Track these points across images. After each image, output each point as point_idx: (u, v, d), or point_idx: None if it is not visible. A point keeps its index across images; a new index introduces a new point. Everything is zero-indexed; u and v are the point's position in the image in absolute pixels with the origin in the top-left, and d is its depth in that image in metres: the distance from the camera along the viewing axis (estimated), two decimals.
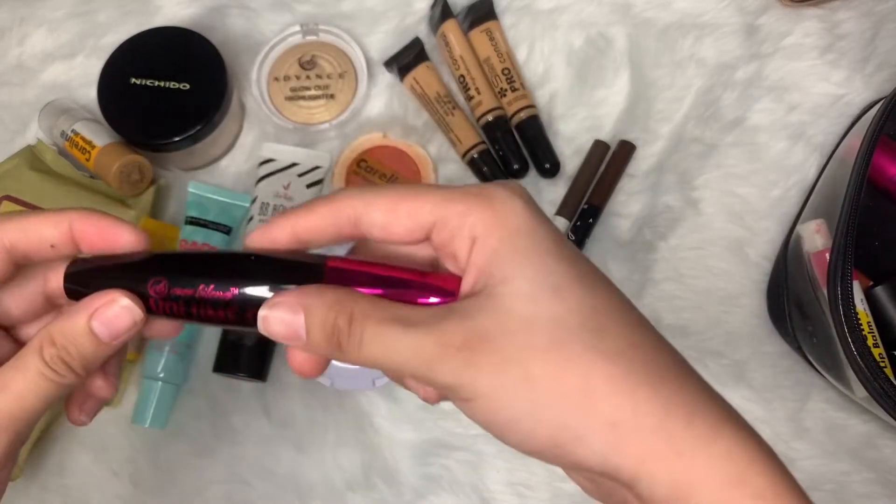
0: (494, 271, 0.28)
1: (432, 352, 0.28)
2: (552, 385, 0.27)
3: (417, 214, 0.29)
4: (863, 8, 0.64)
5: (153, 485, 0.59)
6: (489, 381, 0.27)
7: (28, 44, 0.67)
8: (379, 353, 0.28)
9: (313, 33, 0.66)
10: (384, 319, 0.29)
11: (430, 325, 0.28)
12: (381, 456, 0.58)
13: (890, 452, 0.57)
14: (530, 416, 0.27)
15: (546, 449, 0.28)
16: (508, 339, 0.27)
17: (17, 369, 0.31)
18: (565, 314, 0.27)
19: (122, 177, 0.59)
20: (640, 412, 0.27)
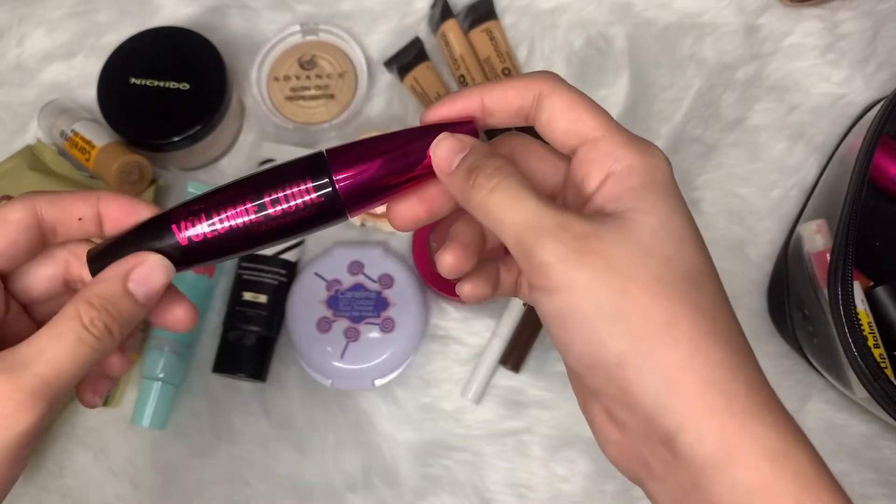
0: (629, 202, 0.30)
1: (549, 226, 0.29)
2: (642, 308, 0.28)
3: (584, 123, 0.32)
4: (863, 8, 0.64)
5: (152, 485, 0.59)
6: (586, 277, 0.28)
7: (27, 44, 0.67)
8: (503, 203, 0.30)
9: (313, 33, 0.66)
10: (522, 182, 0.30)
11: (558, 208, 0.30)
12: (380, 456, 0.58)
13: (890, 453, 0.57)
14: (609, 324, 0.28)
15: (608, 365, 0.28)
16: (622, 254, 0.29)
17: (52, 337, 0.31)
18: (678, 259, 0.29)
19: (122, 177, 0.59)
20: (711, 365, 0.28)
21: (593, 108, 0.32)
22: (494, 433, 0.59)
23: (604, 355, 0.28)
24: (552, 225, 0.29)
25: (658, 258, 0.29)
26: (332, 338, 0.57)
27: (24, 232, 0.33)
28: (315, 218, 0.33)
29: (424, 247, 0.59)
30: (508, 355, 0.59)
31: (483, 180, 0.31)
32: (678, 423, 0.27)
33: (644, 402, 0.28)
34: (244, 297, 0.59)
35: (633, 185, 0.30)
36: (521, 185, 0.30)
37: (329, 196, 0.32)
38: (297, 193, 0.32)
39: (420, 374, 0.60)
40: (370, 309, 0.58)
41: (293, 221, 0.33)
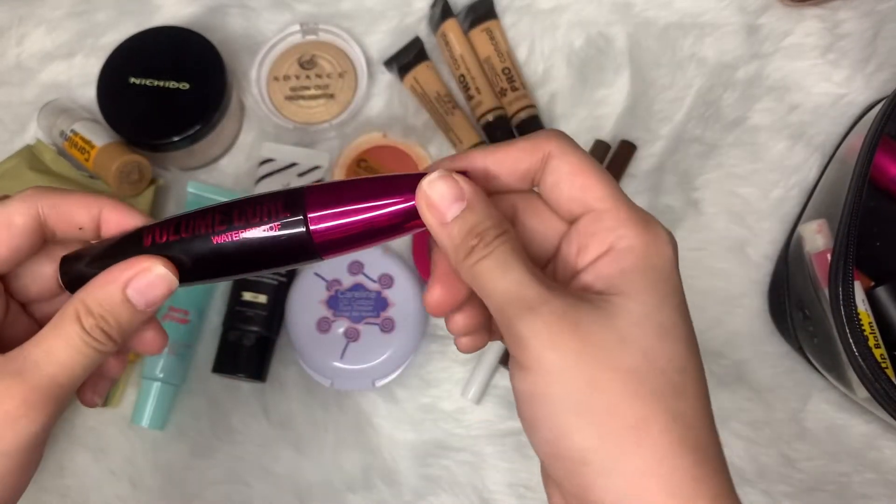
0: (619, 285, 0.28)
1: (531, 299, 0.28)
2: (610, 404, 0.27)
3: (591, 191, 0.30)
4: (864, 7, 0.64)
5: (152, 485, 0.58)
6: (558, 360, 0.27)
7: (27, 43, 0.67)
8: (490, 271, 0.28)
9: (313, 33, 0.66)
10: (516, 248, 0.29)
11: (543, 281, 0.28)
12: (380, 457, 0.58)
13: (891, 453, 0.57)
14: (576, 416, 0.27)
15: (571, 460, 0.27)
16: (598, 339, 0.27)
17: (58, 337, 0.31)
18: (659, 353, 0.28)
19: (122, 177, 0.59)
20: (677, 476, 0.26)
21: (602, 177, 0.30)
22: (494, 433, 0.59)
23: (568, 448, 0.27)
24: (534, 298, 0.28)
25: (636, 350, 0.27)
26: (332, 338, 0.57)
27: (27, 237, 0.33)
28: (286, 256, 0.31)
29: (424, 247, 0.59)
30: (508, 355, 0.59)
31: (481, 249, 0.29)
32: None
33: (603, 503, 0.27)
34: (244, 298, 0.59)
35: (627, 268, 0.29)
36: (514, 252, 0.29)
37: (302, 238, 0.30)
38: (268, 227, 0.31)
39: (420, 374, 0.60)
40: (370, 309, 0.58)
41: (260, 252, 0.31)
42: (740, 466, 0.56)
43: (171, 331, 0.58)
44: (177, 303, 0.59)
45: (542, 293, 0.28)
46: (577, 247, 0.30)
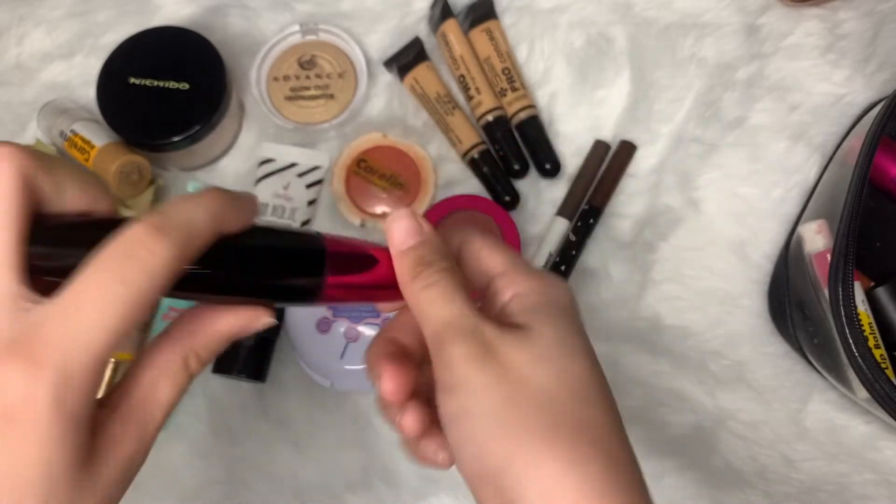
0: (530, 317, 0.32)
1: (465, 327, 0.31)
2: (525, 417, 0.29)
3: (492, 261, 0.35)
4: (864, 8, 0.64)
5: (152, 485, 0.58)
6: (483, 380, 0.30)
7: (27, 43, 0.67)
8: (433, 300, 0.32)
9: (313, 33, 0.66)
10: (458, 283, 0.33)
11: (478, 314, 0.32)
12: (380, 457, 0.58)
13: (891, 454, 0.57)
14: (495, 428, 0.29)
15: (493, 472, 0.29)
16: (518, 362, 0.30)
17: (168, 386, 0.32)
18: (569, 372, 0.31)
19: (122, 177, 0.59)
20: (587, 479, 0.29)
21: (498, 251, 0.35)
22: None
23: (488, 460, 0.29)
24: (468, 327, 0.31)
25: (550, 369, 0.31)
26: (332, 338, 0.57)
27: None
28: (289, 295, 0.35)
29: None
30: None
31: (426, 276, 0.33)
32: None
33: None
34: None
35: (532, 304, 0.33)
36: (456, 286, 0.33)
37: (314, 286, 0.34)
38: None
39: None
40: (370, 309, 0.58)
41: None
42: (740, 467, 0.56)
43: None
44: (177, 303, 0.59)
45: (476, 323, 0.31)
46: (495, 293, 0.34)
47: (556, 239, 0.60)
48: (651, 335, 0.59)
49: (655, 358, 0.58)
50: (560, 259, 0.60)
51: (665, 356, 0.58)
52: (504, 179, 0.62)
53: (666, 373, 0.58)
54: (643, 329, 0.59)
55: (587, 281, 0.60)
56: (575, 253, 0.60)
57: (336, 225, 0.63)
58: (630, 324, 0.59)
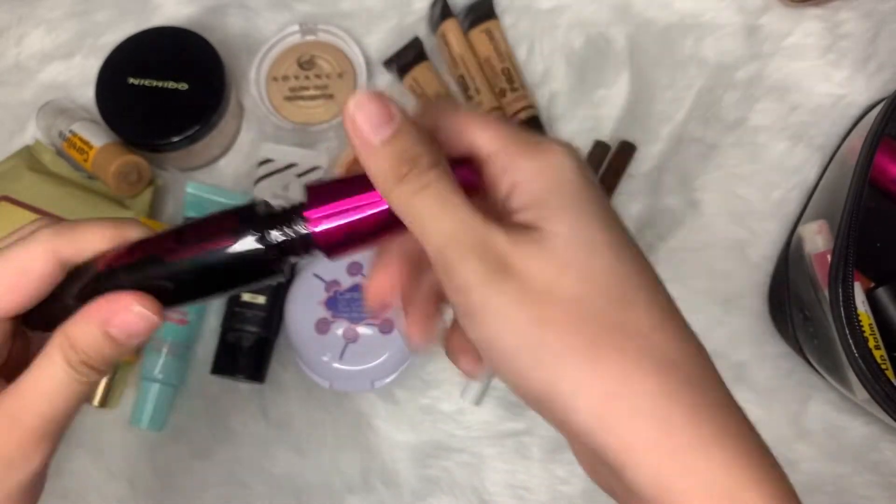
0: (537, 212, 0.27)
1: (474, 241, 0.26)
2: (560, 337, 0.25)
3: (474, 144, 0.29)
4: (864, 8, 0.64)
5: (151, 486, 0.58)
6: (504, 304, 0.26)
7: (26, 43, 0.67)
8: (430, 209, 0.27)
9: (312, 33, 0.65)
10: (454, 183, 0.27)
11: (485, 219, 0.27)
12: (379, 458, 0.58)
13: (891, 455, 0.57)
14: (529, 356, 0.26)
15: (541, 398, 0.26)
16: (538, 274, 0.26)
17: (47, 377, 0.31)
18: (597, 271, 0.26)
19: (121, 177, 0.59)
20: (642, 393, 0.25)
21: (480, 122, 0.29)
22: (494, 435, 0.58)
23: (530, 389, 0.26)
24: (477, 240, 0.26)
25: (575, 274, 0.26)
26: (331, 339, 0.57)
27: (46, 280, 0.32)
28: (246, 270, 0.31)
29: None
30: None
31: (414, 177, 0.27)
32: (619, 461, 0.25)
33: (580, 436, 0.26)
34: (243, 298, 0.59)
35: (535, 196, 0.27)
36: (453, 187, 0.27)
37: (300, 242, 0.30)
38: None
39: (419, 375, 0.60)
40: None
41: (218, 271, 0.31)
42: None
43: (170, 332, 0.58)
44: None
45: (485, 234, 0.26)
46: (507, 188, 0.29)
47: None
48: None
49: None
50: None
51: None
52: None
53: None
54: None
55: None
56: None
57: None
58: None
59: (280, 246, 0.30)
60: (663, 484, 0.24)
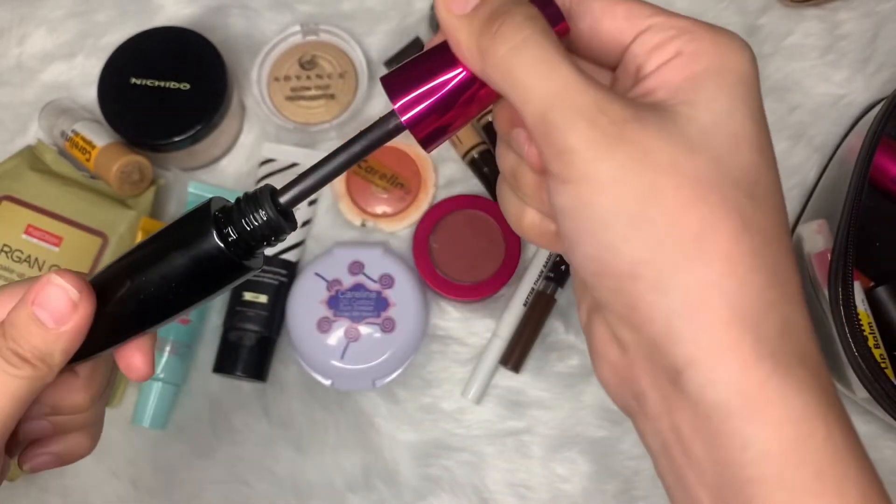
0: (685, 93, 0.25)
1: (585, 104, 0.24)
2: (671, 212, 0.23)
3: (635, 17, 0.26)
4: (864, 8, 0.64)
5: (153, 485, 0.59)
6: (614, 169, 0.24)
7: (28, 44, 0.67)
8: (531, 64, 0.25)
9: (313, 33, 0.66)
10: (557, 42, 0.25)
11: (596, 83, 0.25)
12: (381, 457, 0.58)
13: (891, 454, 0.57)
14: (628, 227, 0.24)
15: (618, 275, 0.24)
16: (662, 147, 0.24)
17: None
18: (730, 161, 0.24)
19: (123, 177, 0.59)
20: (745, 292, 0.23)
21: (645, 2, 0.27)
22: (494, 433, 0.59)
23: (615, 263, 0.24)
24: (589, 103, 0.24)
25: (704, 157, 0.24)
26: (333, 338, 0.57)
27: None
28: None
29: (424, 247, 0.59)
30: (509, 355, 0.59)
31: (509, 30, 0.25)
32: (689, 356, 0.23)
33: (653, 324, 0.24)
34: (244, 297, 0.59)
35: (696, 72, 0.25)
36: (556, 45, 0.25)
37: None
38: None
39: (420, 374, 0.60)
40: (370, 309, 0.58)
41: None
42: None
43: (172, 331, 0.59)
44: None
45: (597, 97, 0.24)
46: (635, 65, 0.27)
47: None
48: None
49: None
50: (560, 258, 0.60)
51: None
52: None
53: None
54: None
55: None
56: None
57: (336, 225, 0.63)
58: None
59: (246, 236, 0.30)
60: (742, 393, 0.23)
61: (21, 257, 0.57)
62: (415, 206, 0.62)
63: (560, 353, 0.59)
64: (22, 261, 0.57)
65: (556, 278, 0.59)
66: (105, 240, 0.58)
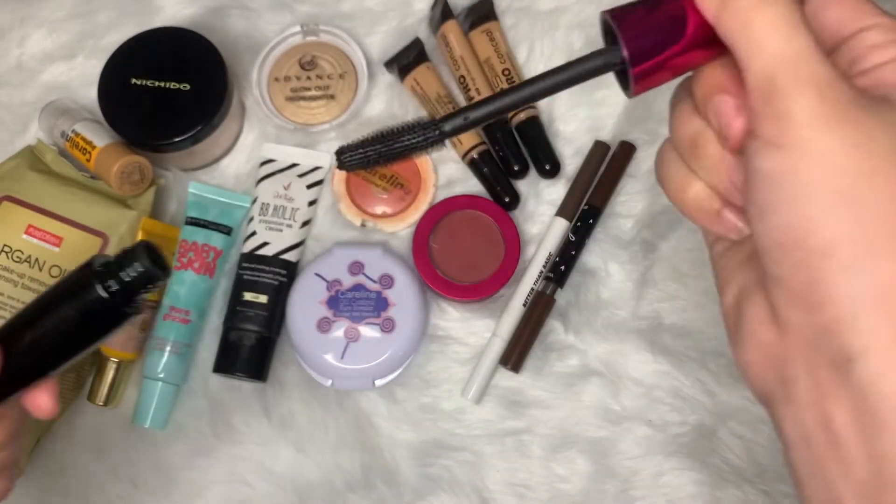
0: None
1: (819, 75, 0.24)
2: (884, 198, 0.23)
3: (861, 13, 0.27)
4: None
5: (153, 485, 0.59)
6: (832, 143, 0.24)
7: (28, 44, 0.67)
8: (772, 23, 0.24)
9: (313, 34, 0.66)
10: (802, 12, 0.25)
11: (829, 61, 0.24)
12: (380, 456, 0.58)
13: None
14: (833, 202, 0.23)
15: (809, 249, 0.24)
16: (883, 137, 0.24)
17: None
18: None
19: (123, 177, 0.59)
20: None
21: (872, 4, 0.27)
22: (494, 433, 0.59)
23: (811, 235, 0.24)
24: (821, 75, 0.24)
25: None
26: (333, 338, 0.58)
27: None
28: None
29: (424, 247, 0.59)
30: (508, 355, 0.59)
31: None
32: (865, 345, 0.23)
33: (832, 305, 0.23)
34: (245, 297, 0.59)
35: None
36: (801, 14, 0.25)
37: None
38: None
39: (420, 374, 0.60)
40: (370, 309, 0.58)
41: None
42: (740, 466, 0.57)
43: (173, 331, 0.59)
44: (178, 303, 0.59)
45: (828, 71, 0.24)
46: (847, 58, 0.27)
47: (555, 239, 0.61)
48: (651, 334, 0.59)
49: (655, 357, 0.58)
50: (560, 259, 0.60)
51: (665, 355, 0.58)
52: (504, 180, 0.62)
53: (666, 372, 0.58)
54: (643, 328, 0.59)
55: (587, 281, 0.60)
56: (575, 253, 0.60)
57: (336, 225, 0.63)
58: (630, 323, 0.59)
59: (125, 288, 0.36)
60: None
61: (21, 257, 0.57)
62: (415, 207, 0.62)
63: (559, 353, 0.59)
64: (22, 261, 0.57)
65: (556, 278, 0.60)
66: (105, 240, 0.59)
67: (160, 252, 0.38)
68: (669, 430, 0.58)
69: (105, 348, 0.58)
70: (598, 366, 0.59)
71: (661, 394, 0.58)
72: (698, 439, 0.57)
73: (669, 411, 0.58)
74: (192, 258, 0.60)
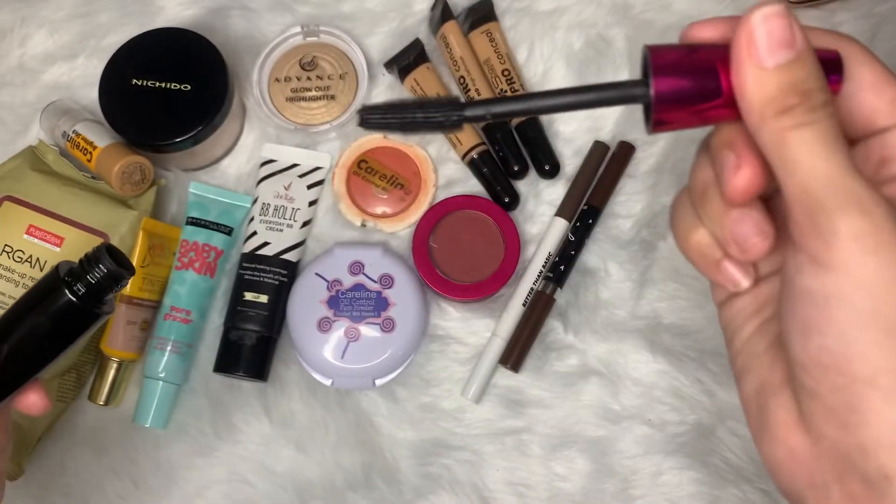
0: None
1: (859, 194, 0.23)
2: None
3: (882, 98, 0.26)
4: (862, 10, 0.65)
5: (154, 484, 0.59)
6: (878, 268, 0.23)
7: (29, 45, 0.67)
8: (809, 144, 0.24)
9: (314, 34, 0.66)
10: (839, 130, 0.25)
11: (867, 180, 0.24)
12: (381, 455, 0.59)
13: None
14: (882, 334, 0.23)
15: (852, 376, 0.24)
16: None
17: None
18: None
19: (124, 177, 0.59)
20: None
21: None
22: (494, 432, 0.59)
23: (855, 363, 0.24)
24: (862, 193, 0.24)
25: None
26: (333, 337, 0.58)
27: None
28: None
29: (424, 247, 0.60)
30: (508, 355, 0.59)
31: (801, 113, 0.24)
32: (890, 471, 0.23)
33: (869, 429, 0.24)
34: (245, 297, 0.60)
35: None
36: (838, 133, 0.24)
37: None
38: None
39: (420, 373, 0.60)
40: (370, 309, 0.58)
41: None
42: (739, 465, 0.57)
43: (173, 330, 0.59)
44: (179, 302, 0.59)
45: (871, 195, 0.24)
46: (879, 155, 0.27)
47: (555, 239, 0.61)
48: (650, 334, 0.59)
49: (654, 357, 0.59)
50: (559, 259, 0.60)
51: (664, 355, 0.59)
52: (504, 180, 0.62)
53: (665, 372, 0.58)
54: (642, 328, 0.59)
55: (587, 281, 0.61)
56: (574, 253, 0.60)
57: (337, 225, 0.63)
58: (629, 323, 0.60)
59: (93, 289, 0.39)
60: None
61: (22, 258, 0.57)
62: (415, 207, 0.62)
63: (559, 352, 0.60)
64: (23, 261, 0.57)
65: (556, 278, 0.60)
66: (106, 240, 0.59)
67: (121, 252, 0.42)
68: (668, 429, 0.58)
69: (106, 348, 0.58)
70: (598, 365, 0.59)
71: (660, 393, 0.58)
72: (697, 438, 0.57)
73: (668, 411, 0.58)
74: (192, 258, 0.60)
